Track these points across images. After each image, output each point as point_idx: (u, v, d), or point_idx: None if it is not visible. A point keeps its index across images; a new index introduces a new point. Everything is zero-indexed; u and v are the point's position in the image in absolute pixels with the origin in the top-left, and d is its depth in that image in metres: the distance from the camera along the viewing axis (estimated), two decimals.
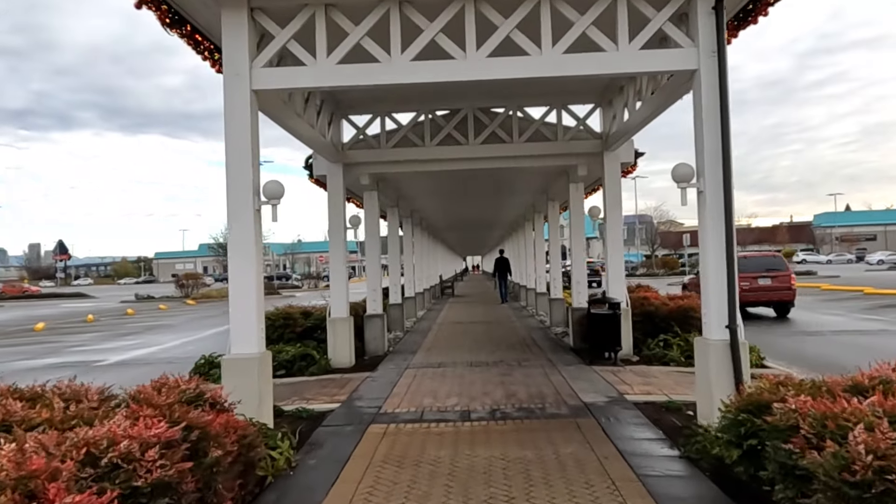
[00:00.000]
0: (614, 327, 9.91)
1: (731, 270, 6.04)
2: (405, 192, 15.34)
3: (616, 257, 10.62)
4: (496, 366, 10.01)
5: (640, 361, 10.05)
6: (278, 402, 7.85)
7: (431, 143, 10.79)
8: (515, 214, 23.02)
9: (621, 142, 10.25)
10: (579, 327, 11.47)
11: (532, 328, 15.46)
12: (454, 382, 8.70)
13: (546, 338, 13.56)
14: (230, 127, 6.24)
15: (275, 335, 11.35)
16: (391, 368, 10.13)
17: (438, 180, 13.64)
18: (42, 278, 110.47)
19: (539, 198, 16.99)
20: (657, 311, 11.04)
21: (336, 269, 10.78)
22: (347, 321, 10.66)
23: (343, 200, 10.78)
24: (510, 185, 14.90)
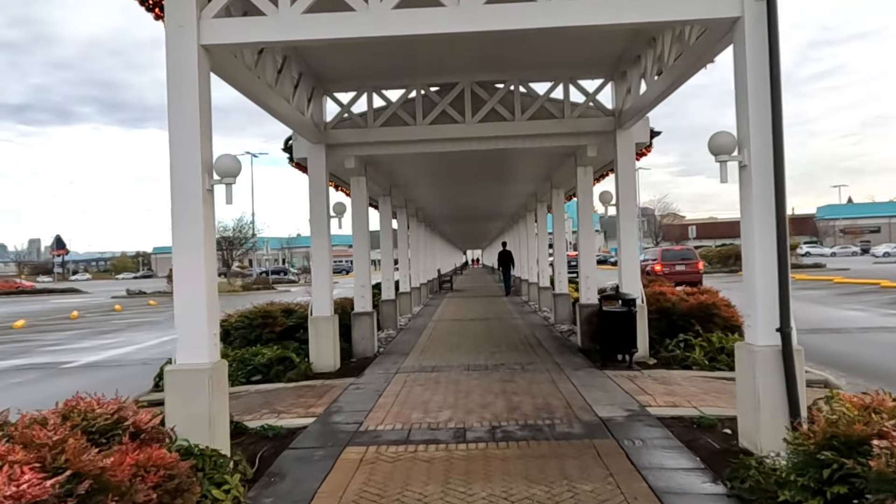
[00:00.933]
0: (629, 327, 8.83)
1: (783, 262, 4.97)
2: (398, 178, 14.23)
3: (630, 249, 9.53)
4: (496, 370, 8.94)
5: (658, 364, 8.98)
6: (245, 415, 6.80)
7: (424, 122, 9.69)
8: (517, 204, 21.92)
9: (636, 119, 9.15)
10: (588, 326, 10.40)
11: (535, 325, 14.39)
12: (449, 391, 7.62)
13: (551, 336, 12.49)
14: (174, 90, 5.15)
15: (252, 335, 10.31)
16: (379, 373, 9.06)
17: (432, 164, 12.53)
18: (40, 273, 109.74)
19: (542, 185, 15.88)
20: (674, 307, 9.95)
21: (318, 262, 9.69)
22: (331, 321, 9.58)
23: (326, 185, 9.68)
24: (511, 171, 13.79)
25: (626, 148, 9.54)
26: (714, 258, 43.30)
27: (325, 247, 9.67)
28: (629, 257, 9.50)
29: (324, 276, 9.63)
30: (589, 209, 10.96)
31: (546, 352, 10.56)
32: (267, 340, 10.25)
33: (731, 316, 9.89)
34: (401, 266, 18.03)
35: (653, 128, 9.90)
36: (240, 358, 9.25)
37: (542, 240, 17.79)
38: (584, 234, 10.93)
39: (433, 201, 20.06)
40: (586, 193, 10.97)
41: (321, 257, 9.68)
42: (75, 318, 25.27)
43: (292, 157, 10.04)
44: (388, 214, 14.72)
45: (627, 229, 9.49)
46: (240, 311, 10.77)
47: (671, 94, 7.93)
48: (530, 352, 10.63)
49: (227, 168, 5.29)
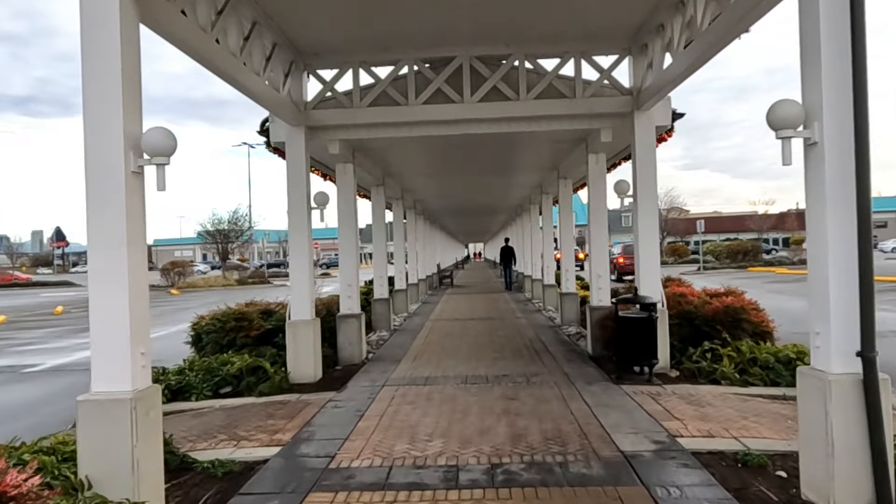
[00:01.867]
0: (649, 334, 7.74)
1: (865, 266, 3.88)
2: (391, 167, 13.12)
3: (649, 246, 8.43)
4: (498, 383, 7.86)
5: (682, 378, 7.90)
6: (199, 441, 5.74)
7: (417, 102, 8.58)
8: (520, 196, 20.79)
9: (657, 98, 8.04)
10: (600, 331, 9.32)
11: (540, 327, 13.31)
12: (442, 411, 6.55)
13: (557, 340, 11.41)
14: (89, 42, 4.06)
15: (225, 340, 9.24)
16: (364, 386, 7.98)
17: (428, 151, 11.42)
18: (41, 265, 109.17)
19: (548, 176, 14.75)
20: (697, 311, 8.84)
21: (297, 259, 8.60)
22: (311, 325, 8.51)
23: (306, 173, 8.58)
24: (515, 159, 12.68)
25: (644, 132, 8.42)
26: (722, 253, 42.15)
27: (305, 242, 8.58)
28: (648, 255, 8.40)
29: (303, 274, 8.54)
30: (601, 201, 9.85)
31: (553, 359, 9.48)
32: (241, 346, 9.20)
33: (760, 321, 8.79)
34: (396, 261, 16.96)
35: (675, 109, 8.77)
36: (206, 367, 8.19)
37: (546, 234, 16.70)
38: (595, 229, 9.82)
39: (431, 193, 18.95)
40: (598, 184, 9.85)
41: (300, 253, 8.59)
42: (59, 314, 24.24)
43: (269, 142, 8.94)
44: (382, 206, 13.62)
45: (646, 225, 8.39)
46: (213, 312, 9.70)
47: (697, 70, 6.86)
48: (536, 359, 9.55)
49: (158, 144, 4.20)
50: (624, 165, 11.71)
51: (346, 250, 10.05)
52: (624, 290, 11.20)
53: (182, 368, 8.39)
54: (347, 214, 10.00)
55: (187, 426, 6.47)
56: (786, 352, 7.84)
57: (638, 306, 7.98)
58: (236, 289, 36.97)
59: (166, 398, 7.74)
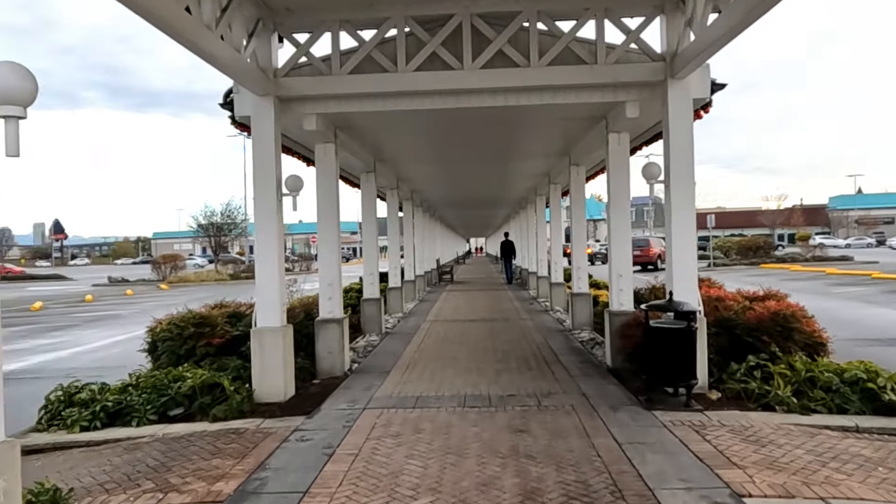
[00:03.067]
0: (687, 350, 6.37)
1: None
2: (383, 149, 11.69)
3: (684, 241, 7.06)
4: (503, 406, 6.51)
5: (725, 401, 6.55)
6: (115, 494, 4.40)
7: (408, 68, 7.20)
8: (525, 188, 19.38)
9: (696, 63, 6.67)
10: (622, 341, 7.96)
11: (549, 330, 11.95)
12: (433, 449, 5.19)
13: (570, 348, 10.05)
14: None
15: (182, 350, 7.90)
16: (341, 409, 6.62)
17: (423, 131, 10.01)
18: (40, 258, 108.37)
19: (558, 163, 13.35)
20: (737, 318, 7.49)
21: (264, 254, 7.24)
22: (281, 333, 7.15)
23: (275, 151, 7.21)
24: (521, 141, 11.26)
25: (680, 104, 7.03)
26: (733, 249, 40.71)
27: (274, 234, 7.21)
28: (683, 253, 7.02)
29: (271, 273, 7.18)
30: (623, 188, 8.46)
31: (566, 372, 8.12)
32: (203, 356, 7.86)
33: (812, 331, 7.44)
34: (390, 256, 15.59)
35: (714, 79, 7.37)
36: (153, 384, 6.85)
37: (555, 228, 15.32)
38: (616, 221, 8.44)
39: (429, 182, 17.55)
40: (620, 168, 8.46)
41: (267, 248, 7.22)
42: (36, 310, 22.95)
43: (234, 116, 7.56)
44: (373, 195, 12.22)
45: (682, 217, 7.00)
46: (171, 316, 8.34)
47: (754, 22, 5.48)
48: (546, 372, 8.19)
49: None
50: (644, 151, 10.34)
51: (327, 244, 8.68)
52: (646, 290, 9.83)
53: (126, 385, 7.04)
54: (328, 203, 8.62)
55: (111, 466, 5.14)
56: (853, 370, 6.48)
57: (673, 314, 6.61)
58: (228, 284, 35.64)
59: (101, 423, 6.44)
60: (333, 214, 8.66)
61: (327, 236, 8.66)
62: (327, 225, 8.65)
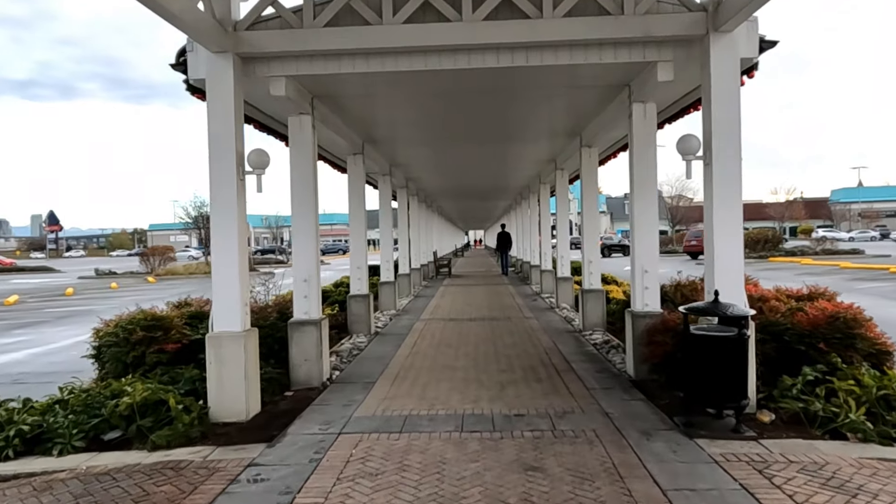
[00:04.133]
0: (738, 363, 5.16)
1: None
2: (372, 127, 10.38)
3: (729, 231, 5.83)
4: (510, 431, 5.31)
5: (781, 425, 5.36)
6: None
7: (396, 20, 5.97)
8: (527, 175, 18.12)
9: (744, 13, 5.46)
10: (648, 348, 6.76)
11: (556, 332, 10.74)
12: (421, 497, 3.99)
13: (582, 353, 8.84)
14: None
15: (129, 357, 6.71)
16: (311, 435, 5.41)
17: (415, 103, 8.72)
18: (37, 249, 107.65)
19: (566, 145, 12.10)
20: (786, 322, 6.29)
21: (223, 246, 6.01)
22: (242, 340, 5.94)
23: (235, 121, 5.98)
24: (525, 120, 9.98)
25: (724, 63, 5.80)
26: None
27: (233, 219, 5.98)
28: (727, 245, 5.80)
29: (230, 266, 5.96)
30: (649, 169, 7.22)
31: (583, 385, 6.91)
32: (153, 365, 6.68)
33: (876, 337, 6.24)
34: (383, 249, 14.36)
35: (762, 35, 6.14)
36: (85, 402, 5.64)
37: (562, 218, 14.09)
38: (641, 207, 7.21)
39: (425, 169, 16.29)
40: (645, 145, 7.22)
41: (226, 236, 6.00)
42: (10, 305, 21.70)
43: (188, 80, 6.31)
44: (361, 182, 10.95)
45: (726, 198, 5.78)
46: (119, 317, 7.12)
47: None
48: (559, 384, 6.99)
49: None
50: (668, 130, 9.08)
51: (302, 233, 7.44)
52: (670, 287, 8.62)
53: (54, 402, 5.84)
54: (304, 186, 7.39)
55: None
56: None
57: (717, 319, 5.41)
58: None
59: (14, 451, 5.23)
60: (310, 199, 7.42)
61: (303, 224, 7.42)
62: (303, 211, 7.42)
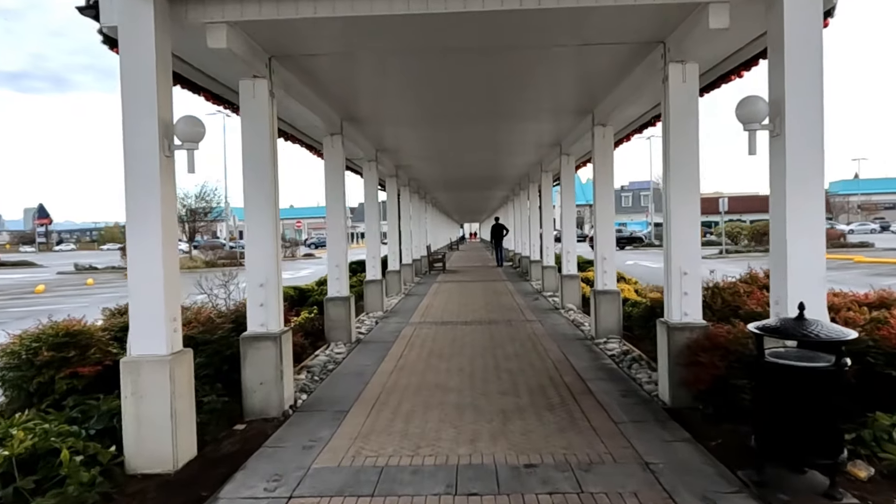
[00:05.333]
0: (834, 404, 3.77)
1: None
2: (350, 102, 8.82)
3: (807, 222, 4.45)
4: (522, 494, 3.93)
5: (882, 480, 3.99)
6: None
7: None
8: (527, 163, 16.65)
9: None
10: (689, 369, 5.40)
11: (564, 338, 9.36)
12: None
13: (599, 367, 7.46)
14: None
15: (34, 385, 5.30)
16: (254, 501, 4.01)
17: (400, 69, 7.23)
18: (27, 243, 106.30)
19: (575, 125, 10.63)
20: (867, 338, 4.92)
21: (141, 240, 4.57)
22: (169, 365, 4.52)
23: (157, 78, 4.54)
24: (531, 90, 8.49)
25: (798, 8, 4.40)
26: (745, 234, 38.15)
27: (156, 207, 4.55)
28: (805, 241, 4.42)
29: (151, 266, 4.54)
30: (688, 144, 5.79)
31: (607, 415, 5.53)
32: (66, 392, 5.26)
33: None
34: (368, 244, 12.94)
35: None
36: None
37: (567, 208, 12.66)
38: (679, 193, 5.79)
39: (416, 154, 14.82)
40: (686, 116, 5.79)
41: (145, 229, 4.57)
42: None
43: (102, 29, 4.86)
44: (339, 168, 9.46)
45: (805, 180, 4.39)
46: (25, 331, 5.68)
47: None
48: (576, 414, 5.60)
49: None
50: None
51: (258, 225, 6.00)
52: (706, 291, 7.22)
53: None
54: (259, 168, 5.94)
55: None
56: None
57: (796, 344, 4.01)
58: (202, 271, 32.84)
59: None
60: (267, 184, 5.98)
61: (257, 215, 5.98)
62: (257, 198, 5.98)
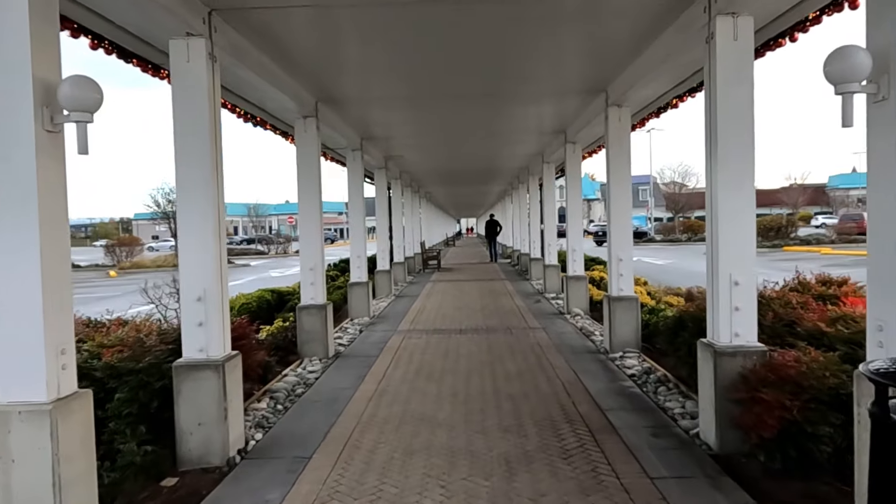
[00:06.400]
0: None
1: None
2: (326, 76, 7.49)
3: None
4: None
5: None
6: None
7: None
8: (527, 154, 15.39)
9: None
10: (745, 407, 4.21)
11: (574, 352, 8.16)
12: None
13: (617, 390, 6.24)
14: None
15: None
16: None
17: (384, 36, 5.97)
18: None
19: (584, 106, 9.30)
20: None
21: (11, 247, 3.33)
22: (49, 419, 3.28)
23: (27, 15, 3.28)
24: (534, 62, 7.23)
25: None
26: None
27: (31, 200, 3.29)
28: None
29: (26, 288, 3.29)
30: (743, 117, 4.55)
31: (639, 466, 4.31)
32: None
33: None
34: (353, 242, 11.71)
35: None
36: None
37: (573, 200, 11.40)
38: (728, 180, 4.56)
39: (408, 143, 13.53)
40: (737, 83, 4.54)
41: (17, 233, 3.31)
42: None
43: None
44: (314, 154, 8.17)
45: None
46: None
47: None
48: (599, 464, 4.38)
49: None
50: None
51: (194, 224, 4.74)
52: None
53: None
54: (196, 151, 4.69)
55: None
56: None
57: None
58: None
59: None
60: (209, 167, 4.73)
61: (194, 213, 4.73)
62: (195, 190, 4.72)
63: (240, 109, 8.09)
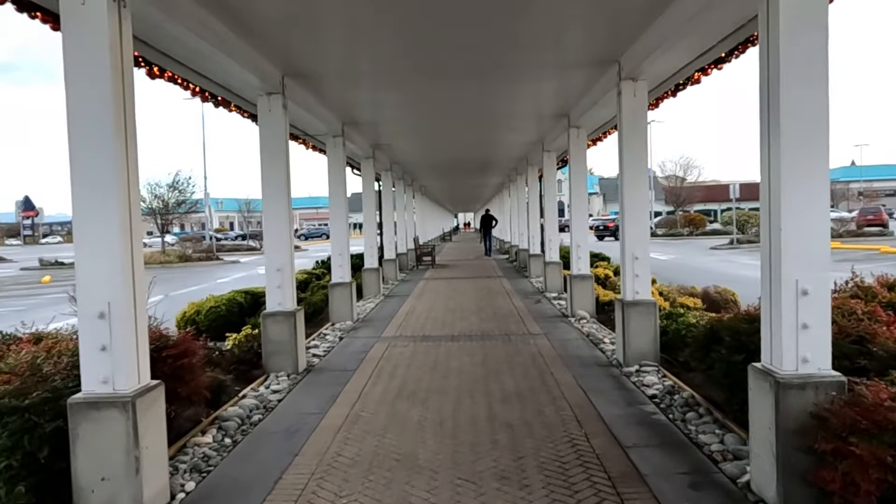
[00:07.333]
0: None
1: None
2: (293, 42, 6.48)
3: None
4: None
5: None
6: None
7: None
8: (526, 142, 14.31)
9: None
10: (819, 459, 3.11)
11: (582, 364, 7.09)
12: None
13: (637, 417, 5.17)
14: None
15: None
16: None
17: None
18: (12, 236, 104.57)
19: (594, 82, 8.26)
20: None
21: None
22: None
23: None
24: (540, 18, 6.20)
25: None
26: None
27: None
28: None
29: None
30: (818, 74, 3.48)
31: None
32: None
33: None
34: (334, 238, 10.63)
35: None
36: None
37: (577, 192, 10.30)
38: (796, 159, 3.50)
39: (398, 130, 12.43)
40: (812, 25, 3.48)
41: None
42: None
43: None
44: (281, 137, 7.06)
45: None
46: None
47: None
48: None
49: None
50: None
51: (90, 216, 3.64)
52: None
53: None
54: (93, 119, 3.60)
55: None
56: None
57: None
58: (175, 267, 30.54)
59: None
60: (108, 145, 3.62)
61: (90, 202, 3.63)
62: (89, 173, 3.62)
63: (194, 86, 6.99)
